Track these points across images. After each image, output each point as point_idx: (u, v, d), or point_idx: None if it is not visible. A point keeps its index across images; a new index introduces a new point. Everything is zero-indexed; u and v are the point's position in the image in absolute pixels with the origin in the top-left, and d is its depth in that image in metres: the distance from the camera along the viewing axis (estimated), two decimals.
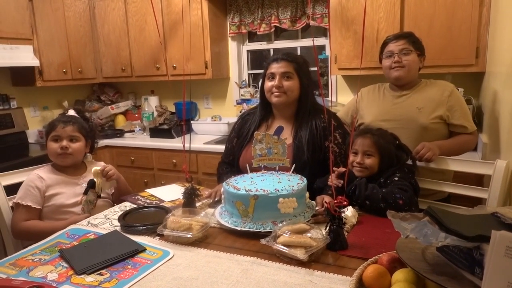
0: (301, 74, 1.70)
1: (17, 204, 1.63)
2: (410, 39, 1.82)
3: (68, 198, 1.68)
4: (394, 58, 1.81)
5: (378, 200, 1.41)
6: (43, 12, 3.10)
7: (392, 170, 1.53)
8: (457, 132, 1.81)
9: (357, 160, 1.54)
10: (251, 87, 3.48)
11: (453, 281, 0.76)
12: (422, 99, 1.82)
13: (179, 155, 2.99)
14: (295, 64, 1.70)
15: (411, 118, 1.80)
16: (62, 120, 1.74)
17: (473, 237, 0.74)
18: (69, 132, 1.72)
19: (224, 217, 1.40)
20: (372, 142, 1.54)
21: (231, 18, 3.34)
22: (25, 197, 1.63)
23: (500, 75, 1.84)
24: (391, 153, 1.55)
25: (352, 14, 2.58)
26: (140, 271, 1.11)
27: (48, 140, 1.73)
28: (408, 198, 1.39)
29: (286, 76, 1.69)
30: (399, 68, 1.81)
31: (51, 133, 1.72)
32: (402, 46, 1.80)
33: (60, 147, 1.69)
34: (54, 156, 1.72)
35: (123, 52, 3.49)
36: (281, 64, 1.69)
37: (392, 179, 1.49)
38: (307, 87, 1.72)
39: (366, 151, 1.54)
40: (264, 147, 1.54)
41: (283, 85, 1.68)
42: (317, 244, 1.13)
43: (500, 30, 1.92)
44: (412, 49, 1.80)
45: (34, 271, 1.14)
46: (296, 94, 1.71)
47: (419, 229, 0.83)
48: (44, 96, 3.50)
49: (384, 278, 0.89)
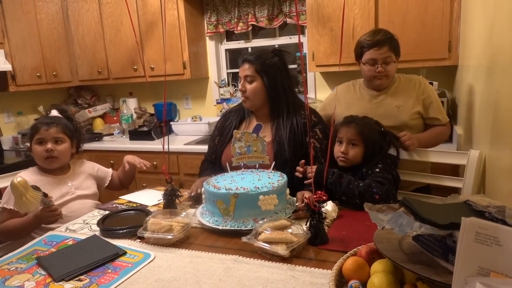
0: (263, 74, 1.68)
1: (3, 208, 1.61)
2: (391, 45, 1.78)
3: (55, 199, 1.64)
4: (377, 68, 1.78)
5: (354, 196, 1.43)
6: (13, 15, 3.02)
7: (375, 160, 1.54)
8: (431, 124, 1.86)
9: (342, 149, 1.56)
10: (231, 86, 3.48)
11: (428, 269, 0.78)
12: (399, 97, 1.84)
13: (159, 157, 2.96)
14: (257, 65, 1.68)
15: (392, 116, 1.81)
16: (45, 122, 1.69)
17: (446, 225, 0.76)
18: (53, 134, 1.68)
19: (205, 216, 1.40)
20: (357, 131, 1.55)
21: (208, 17, 3.33)
22: (9, 201, 1.59)
23: (472, 68, 1.89)
24: (375, 142, 1.57)
25: (328, 11, 2.61)
26: (120, 275, 1.10)
27: (33, 143, 1.69)
28: (384, 192, 1.42)
29: (248, 80, 1.69)
30: (381, 78, 1.81)
31: (35, 136, 1.68)
32: (385, 54, 1.76)
33: (45, 150, 1.66)
34: (41, 160, 1.69)
35: (99, 55, 3.43)
36: (245, 67, 1.70)
37: (374, 170, 1.51)
38: (273, 86, 1.69)
39: (351, 140, 1.55)
40: (244, 145, 1.54)
41: (246, 89, 1.69)
42: (298, 239, 1.14)
43: (471, 24, 1.97)
44: (394, 58, 1.79)
45: (10, 280, 1.11)
46: (261, 95, 1.70)
47: (395, 220, 0.85)
48: (18, 101, 3.40)
49: (363, 270, 0.90)
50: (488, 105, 1.45)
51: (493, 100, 1.37)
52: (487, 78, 1.49)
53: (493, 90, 1.37)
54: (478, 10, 1.77)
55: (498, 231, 0.66)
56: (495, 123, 1.35)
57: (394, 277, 0.84)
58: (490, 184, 1.50)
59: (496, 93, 1.33)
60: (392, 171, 1.54)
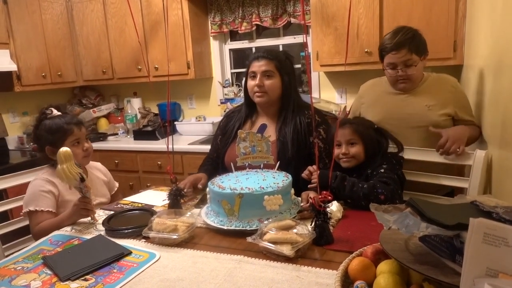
0: (283, 72, 1.70)
1: (32, 212, 1.57)
2: (412, 46, 1.67)
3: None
4: (398, 72, 1.71)
5: (359, 199, 1.42)
6: (19, 15, 3.03)
7: (379, 161, 1.54)
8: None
9: (342, 151, 1.56)
10: (235, 86, 3.48)
11: (435, 270, 0.77)
12: (429, 96, 1.76)
13: (164, 157, 2.97)
14: (276, 62, 1.69)
15: (422, 116, 1.74)
16: (73, 123, 1.68)
17: (453, 225, 0.75)
18: (85, 133, 1.73)
19: (210, 216, 1.40)
20: (352, 130, 1.56)
21: (212, 17, 3.33)
22: (40, 203, 1.57)
23: (478, 68, 1.88)
24: (372, 138, 1.57)
25: (332, 10, 2.60)
26: (126, 275, 1.10)
27: (66, 144, 1.60)
28: (390, 192, 1.41)
29: (267, 75, 1.68)
30: (404, 81, 1.74)
31: (69, 138, 1.64)
32: (404, 58, 1.68)
33: (84, 150, 1.69)
34: (79, 160, 1.61)
35: (104, 54, 3.44)
36: (262, 63, 1.69)
37: (378, 171, 1.50)
38: (289, 85, 1.72)
39: (349, 140, 1.56)
40: (248, 145, 1.54)
41: (264, 84, 1.68)
42: (303, 239, 1.14)
43: (476, 23, 1.96)
44: (415, 59, 1.68)
45: (17, 279, 1.12)
46: (278, 92, 1.71)
47: (401, 220, 0.84)
48: (23, 101, 3.42)
49: (369, 270, 0.90)
50: (496, 105, 1.44)
51: (501, 100, 1.36)
52: (494, 78, 1.48)
53: (501, 90, 1.36)
54: (484, 10, 1.76)
55: (507, 231, 0.65)
56: (503, 123, 1.35)
57: (400, 278, 0.83)
58: (497, 184, 1.50)
59: (504, 93, 1.32)
60: (397, 171, 1.53)
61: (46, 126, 1.66)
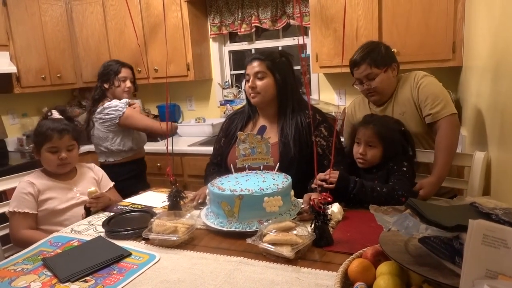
0: (275, 71, 1.69)
1: (13, 212, 1.62)
2: (371, 59, 1.72)
3: (61, 203, 1.67)
4: (364, 86, 1.78)
5: (381, 203, 1.40)
6: (18, 17, 3.04)
7: (401, 158, 1.52)
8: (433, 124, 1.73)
9: (360, 150, 1.55)
10: (234, 88, 3.48)
11: (435, 271, 0.78)
12: (401, 103, 1.79)
13: (163, 159, 2.97)
14: (268, 62, 1.69)
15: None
16: (56, 129, 1.67)
17: (452, 227, 0.76)
18: (66, 142, 1.69)
19: (210, 218, 1.40)
20: (374, 132, 1.54)
21: (212, 19, 3.33)
22: (19, 205, 1.62)
23: (477, 69, 1.88)
24: (395, 141, 1.55)
25: (332, 12, 2.61)
26: (126, 276, 1.10)
27: (43, 150, 1.67)
28: (408, 192, 1.42)
29: (258, 76, 1.69)
30: (372, 94, 1.79)
31: (46, 144, 1.66)
32: (364, 72, 1.74)
33: (59, 159, 1.67)
34: (53, 167, 1.69)
35: (103, 56, 3.44)
36: (254, 64, 1.70)
37: (401, 168, 1.49)
38: (283, 83, 1.70)
39: (368, 142, 1.54)
40: (248, 147, 1.54)
41: (256, 86, 1.69)
42: (303, 241, 1.14)
43: (475, 25, 1.97)
44: (376, 71, 1.73)
45: (17, 281, 1.12)
46: (271, 92, 1.71)
47: (401, 221, 0.84)
48: (23, 103, 3.42)
49: (369, 272, 0.90)
50: (495, 107, 1.44)
51: (500, 102, 1.36)
52: (493, 79, 1.48)
53: (500, 92, 1.36)
54: (483, 11, 1.76)
55: (506, 233, 0.66)
56: (502, 125, 1.35)
57: (400, 279, 0.83)
58: (496, 186, 1.50)
59: (503, 94, 1.32)
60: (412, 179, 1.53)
61: (37, 126, 1.72)
